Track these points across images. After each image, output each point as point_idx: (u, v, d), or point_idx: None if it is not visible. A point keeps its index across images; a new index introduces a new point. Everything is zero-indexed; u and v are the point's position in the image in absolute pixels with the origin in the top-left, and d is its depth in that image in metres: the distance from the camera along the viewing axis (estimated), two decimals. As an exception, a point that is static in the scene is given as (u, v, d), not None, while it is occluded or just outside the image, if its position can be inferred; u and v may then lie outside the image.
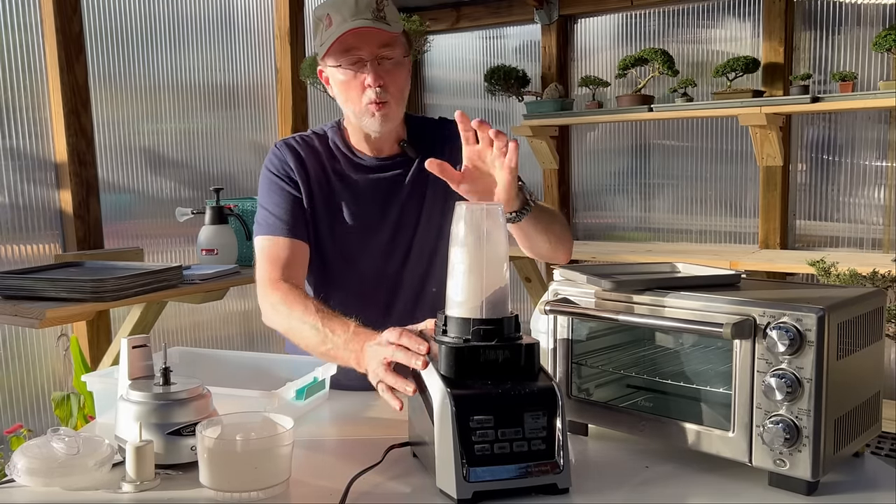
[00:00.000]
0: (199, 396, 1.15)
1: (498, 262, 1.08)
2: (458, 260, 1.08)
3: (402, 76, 1.55)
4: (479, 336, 1.06)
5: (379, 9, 1.48)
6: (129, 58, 3.23)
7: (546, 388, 1.05)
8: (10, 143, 2.78)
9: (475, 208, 1.08)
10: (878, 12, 3.55)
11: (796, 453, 1.00)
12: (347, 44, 1.48)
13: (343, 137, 1.65)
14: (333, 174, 1.62)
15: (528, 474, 1.01)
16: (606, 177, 4.40)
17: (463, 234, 1.08)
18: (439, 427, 1.02)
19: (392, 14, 1.50)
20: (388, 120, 1.55)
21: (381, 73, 1.50)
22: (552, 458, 1.02)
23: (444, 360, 1.05)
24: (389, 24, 1.48)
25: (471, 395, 1.02)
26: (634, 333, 1.27)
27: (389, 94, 1.52)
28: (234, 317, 3.67)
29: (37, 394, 2.88)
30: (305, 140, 1.65)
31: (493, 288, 1.07)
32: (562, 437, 1.03)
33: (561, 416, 1.04)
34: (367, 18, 1.46)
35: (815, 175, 3.80)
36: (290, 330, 1.44)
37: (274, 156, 1.62)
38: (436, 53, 4.65)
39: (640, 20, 4.18)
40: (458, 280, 1.08)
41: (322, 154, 1.63)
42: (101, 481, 1.09)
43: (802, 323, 0.98)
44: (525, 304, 4.34)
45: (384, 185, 1.63)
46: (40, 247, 2.86)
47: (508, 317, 1.08)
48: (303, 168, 1.60)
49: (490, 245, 1.07)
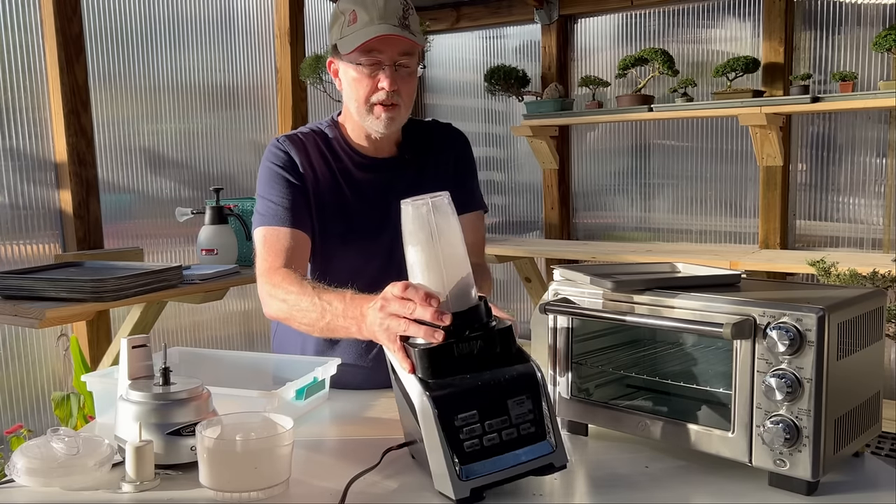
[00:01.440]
0: (198, 396, 1.15)
1: (454, 254, 1.05)
2: (414, 260, 1.06)
3: (413, 85, 1.58)
4: (451, 332, 1.03)
5: (405, 16, 1.49)
6: (129, 58, 3.23)
7: (525, 371, 1.04)
8: (10, 143, 2.78)
9: (420, 203, 1.05)
10: (878, 12, 3.55)
11: (796, 453, 1.00)
12: (370, 45, 1.49)
13: (343, 135, 1.65)
14: (339, 172, 1.62)
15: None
16: (606, 177, 4.40)
17: (413, 231, 1.05)
18: (426, 430, 1.01)
19: (415, 24, 1.52)
20: (394, 123, 1.57)
21: (397, 77, 1.52)
22: (543, 438, 1.02)
23: (420, 363, 1.03)
24: (414, 35, 1.50)
25: (450, 394, 1.01)
26: (634, 333, 1.27)
27: (401, 99, 1.54)
28: (234, 317, 3.67)
29: (37, 394, 2.88)
30: (307, 136, 1.64)
31: (455, 280, 1.05)
32: (549, 416, 1.02)
33: (545, 395, 1.03)
34: (394, 25, 1.47)
35: (815, 175, 3.80)
36: (290, 312, 1.41)
37: (278, 150, 1.61)
38: (436, 53, 4.65)
39: (640, 20, 4.18)
40: (418, 279, 1.07)
41: (325, 151, 1.63)
42: (101, 481, 1.09)
43: (802, 323, 0.98)
44: (525, 304, 4.35)
45: (387, 184, 1.63)
46: (40, 247, 2.86)
47: (475, 305, 1.06)
48: (309, 163, 1.60)
49: (443, 238, 1.05)
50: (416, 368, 1.04)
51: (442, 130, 1.75)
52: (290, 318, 1.42)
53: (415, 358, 1.04)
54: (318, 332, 1.36)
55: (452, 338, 1.03)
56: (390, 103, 1.53)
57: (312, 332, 1.38)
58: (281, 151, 1.61)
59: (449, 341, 1.02)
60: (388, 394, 1.51)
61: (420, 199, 1.05)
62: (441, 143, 1.70)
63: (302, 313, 1.37)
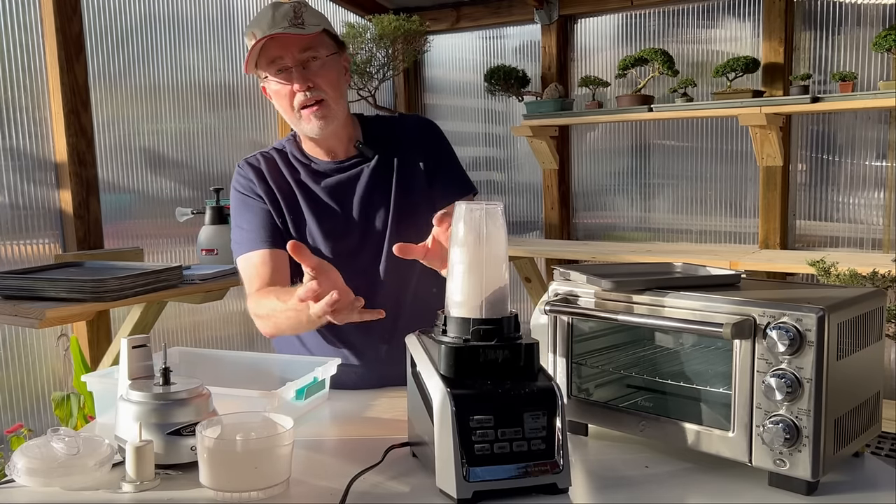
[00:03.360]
0: (199, 396, 1.15)
1: (497, 262, 1.08)
2: (457, 260, 1.08)
3: (332, 73, 1.57)
4: (479, 336, 1.06)
5: (296, 16, 1.51)
6: (129, 58, 3.23)
7: (546, 387, 1.05)
8: (10, 143, 2.78)
9: (474, 208, 1.08)
10: (878, 12, 3.55)
11: (796, 453, 1.00)
12: (271, 55, 1.53)
13: (299, 147, 1.69)
14: (295, 184, 1.65)
15: (527, 474, 1.01)
16: (606, 177, 4.40)
17: (462, 233, 1.08)
18: (439, 427, 1.01)
19: (311, 18, 1.54)
20: (327, 119, 1.57)
21: (307, 75, 1.54)
22: (552, 457, 1.02)
23: (444, 360, 1.05)
24: (305, 28, 1.51)
25: (471, 395, 1.02)
26: (634, 333, 1.27)
27: (323, 92, 1.55)
28: (234, 317, 3.67)
29: (37, 394, 2.88)
30: (265, 156, 1.68)
31: (493, 288, 1.07)
32: (561, 437, 1.03)
33: (561, 415, 1.04)
34: (282, 27, 1.50)
35: (814, 175, 3.80)
36: (270, 321, 1.50)
37: (239, 175, 1.66)
38: (436, 53, 4.65)
39: (640, 20, 4.18)
40: (458, 280, 1.08)
41: (282, 167, 1.66)
42: (101, 481, 1.09)
43: (802, 323, 0.98)
44: (525, 304, 4.34)
45: (343, 187, 1.64)
46: (40, 247, 2.86)
47: (508, 316, 1.08)
48: (265, 182, 1.63)
49: (489, 245, 1.07)
50: (440, 365, 1.06)
51: (406, 123, 1.74)
52: (278, 329, 1.51)
53: (440, 354, 1.06)
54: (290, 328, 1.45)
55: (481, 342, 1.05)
56: (313, 102, 1.54)
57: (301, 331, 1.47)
58: (241, 176, 1.66)
59: (475, 345, 1.05)
60: (388, 394, 1.52)
61: (475, 203, 1.09)
62: (406, 136, 1.69)
63: (277, 320, 1.46)
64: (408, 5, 4.45)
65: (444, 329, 1.09)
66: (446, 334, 1.09)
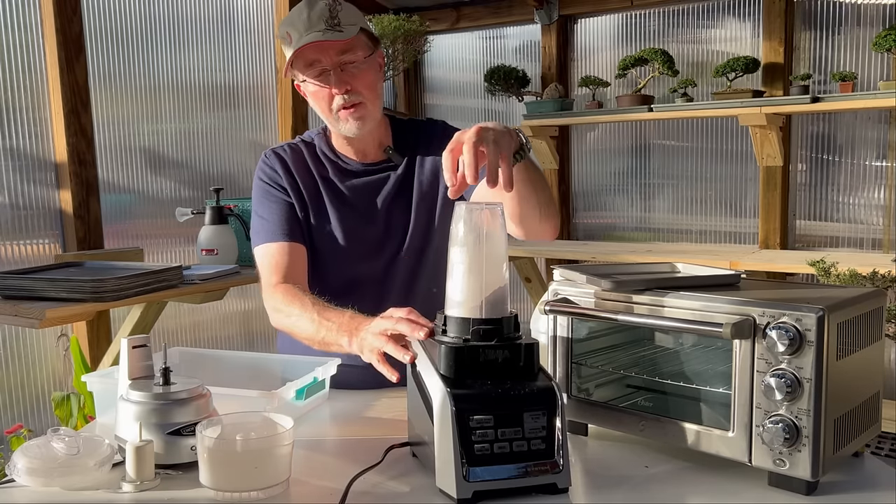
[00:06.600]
0: (199, 396, 1.15)
1: (497, 262, 1.08)
2: (457, 259, 1.08)
3: (369, 75, 1.57)
4: (479, 336, 1.06)
5: (332, 16, 1.50)
6: (129, 58, 3.23)
7: (546, 387, 1.05)
8: (10, 143, 2.78)
9: (475, 207, 1.08)
10: (878, 12, 3.55)
11: (796, 453, 1.00)
12: (308, 58, 1.53)
13: (329, 143, 1.68)
14: (321, 180, 1.65)
15: (527, 474, 1.01)
16: (606, 177, 4.40)
17: (462, 233, 1.08)
18: (439, 427, 1.02)
19: (347, 17, 1.52)
20: (364, 120, 1.58)
21: (345, 78, 1.53)
22: (552, 457, 1.02)
23: (444, 360, 1.05)
24: (343, 31, 1.50)
25: (471, 395, 1.02)
26: (634, 333, 1.27)
27: (361, 95, 1.55)
28: (234, 317, 3.67)
29: (37, 394, 2.88)
30: (293, 148, 1.68)
31: (493, 287, 1.08)
32: (561, 437, 1.03)
33: (560, 415, 1.04)
34: (319, 31, 1.49)
35: (814, 175, 3.80)
36: (292, 327, 1.49)
37: (264, 164, 1.66)
38: (436, 53, 4.65)
39: (640, 20, 4.18)
40: (458, 279, 1.08)
41: (309, 161, 1.66)
42: (101, 481, 1.09)
43: (802, 323, 0.98)
44: (525, 304, 4.34)
45: (370, 189, 1.65)
46: (40, 247, 2.86)
47: (508, 316, 1.08)
48: (291, 175, 1.63)
49: (490, 244, 1.07)
50: (440, 365, 1.06)
51: (426, 129, 1.74)
52: (292, 332, 1.51)
53: (440, 354, 1.06)
54: (315, 345, 1.44)
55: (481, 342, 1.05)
56: (350, 104, 1.55)
57: (312, 344, 1.45)
58: (266, 166, 1.66)
59: (475, 344, 1.05)
60: (388, 394, 1.52)
61: (476, 203, 1.09)
62: (426, 141, 1.69)
63: (302, 331, 1.46)
64: (408, 5, 4.45)
65: (444, 329, 1.09)
66: (446, 334, 1.09)
